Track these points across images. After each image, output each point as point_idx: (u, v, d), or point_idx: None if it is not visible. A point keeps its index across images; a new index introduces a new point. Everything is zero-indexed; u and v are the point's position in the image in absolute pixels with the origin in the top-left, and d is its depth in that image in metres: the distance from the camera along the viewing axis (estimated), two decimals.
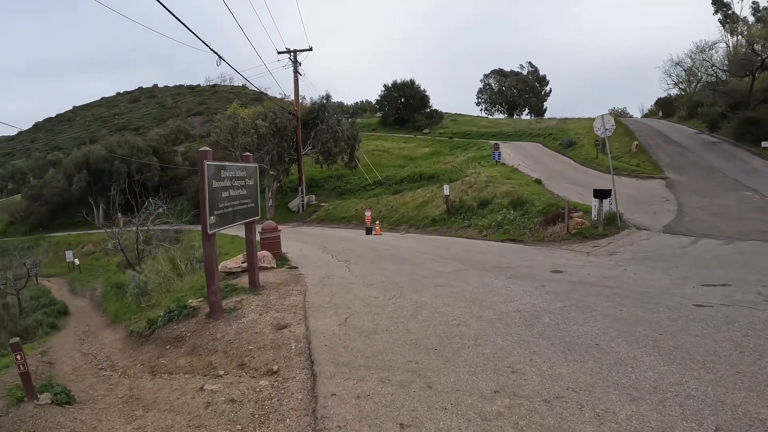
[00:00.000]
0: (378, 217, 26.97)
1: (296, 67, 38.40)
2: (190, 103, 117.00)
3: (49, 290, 31.08)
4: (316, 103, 41.69)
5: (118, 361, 9.00)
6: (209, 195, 7.95)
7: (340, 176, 44.46)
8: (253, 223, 10.40)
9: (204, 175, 7.86)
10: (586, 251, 14.05)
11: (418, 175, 36.68)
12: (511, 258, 13.43)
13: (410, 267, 12.51)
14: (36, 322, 20.47)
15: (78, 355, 11.30)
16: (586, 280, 9.69)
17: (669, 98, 55.85)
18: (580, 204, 18.95)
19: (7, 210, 65.56)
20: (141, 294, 16.59)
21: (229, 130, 38.77)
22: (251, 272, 10.38)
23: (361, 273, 11.94)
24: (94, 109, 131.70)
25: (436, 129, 64.79)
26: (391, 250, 16.53)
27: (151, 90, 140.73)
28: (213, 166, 8.24)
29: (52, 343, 14.54)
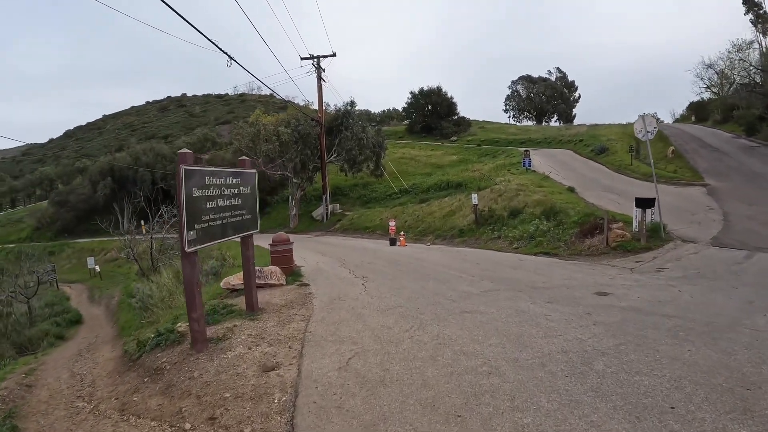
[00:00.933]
0: (403, 227, 25.66)
1: (320, 73, 37.37)
2: (218, 112, 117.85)
3: (67, 297, 30.75)
4: (341, 110, 40.45)
5: (100, 388, 7.98)
6: (187, 205, 6.66)
7: (365, 184, 43.29)
8: (250, 237, 9.08)
9: (181, 182, 6.57)
10: (630, 267, 12.51)
11: (446, 183, 35.35)
12: (547, 275, 11.91)
13: (434, 286, 11.06)
14: (42, 332, 19.62)
15: (66, 376, 10.12)
16: (637, 306, 8.22)
17: (702, 102, 53.75)
18: (617, 214, 17.43)
19: (34, 215, 66.22)
20: (144, 308, 15.58)
21: (251, 137, 37.83)
22: (248, 293, 9.07)
23: (378, 293, 10.54)
24: (123, 118, 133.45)
25: (464, 136, 63.34)
26: (414, 264, 15.10)
27: (180, 99, 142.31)
28: (195, 171, 6.95)
29: (49, 358, 13.60)
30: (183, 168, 6.59)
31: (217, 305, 10.19)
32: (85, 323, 23.12)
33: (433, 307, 8.79)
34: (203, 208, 7.12)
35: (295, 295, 10.75)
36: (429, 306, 8.94)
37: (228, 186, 7.96)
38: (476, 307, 8.68)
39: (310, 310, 9.24)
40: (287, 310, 9.22)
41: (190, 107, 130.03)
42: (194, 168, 6.90)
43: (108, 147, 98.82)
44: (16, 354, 16.97)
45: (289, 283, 12.33)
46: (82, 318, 24.02)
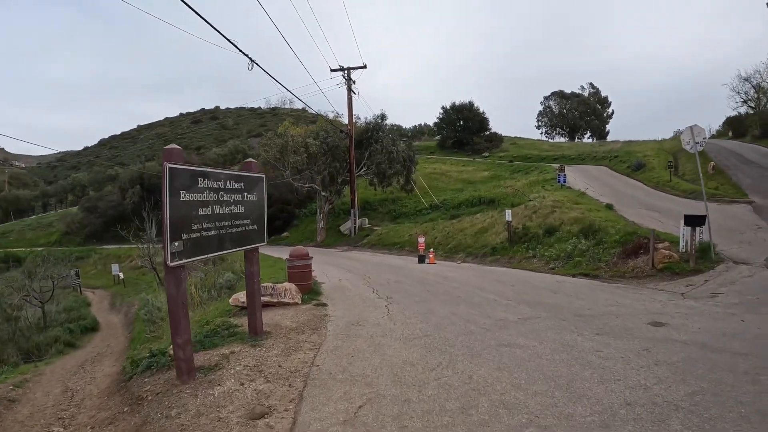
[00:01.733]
0: (433, 243, 24.42)
1: (350, 85, 36.53)
2: (251, 125, 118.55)
3: (88, 302, 30.48)
4: (371, 123, 39.52)
5: (84, 410, 7.25)
6: (172, 211, 5.59)
7: (395, 199, 42.23)
8: (255, 251, 7.96)
9: (165, 184, 5.50)
10: (681, 292, 11.17)
11: (477, 199, 34.02)
12: (590, 301, 10.58)
13: (466, 310, 9.83)
14: (52, 339, 18.96)
15: (57, 391, 9.33)
16: (701, 340, 6.95)
17: (739, 117, 51.75)
18: (661, 233, 16.00)
19: (64, 220, 66.61)
20: (151, 321, 14.67)
21: (279, 149, 37.23)
22: (251, 315, 7.96)
23: (402, 318, 9.32)
24: (157, 128, 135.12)
25: (496, 152, 62.26)
26: (444, 284, 13.86)
27: (213, 111, 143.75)
28: (183, 171, 5.89)
29: (50, 367, 12.84)
30: (168, 166, 5.54)
31: (219, 325, 9.17)
32: (101, 331, 22.65)
33: (465, 338, 7.56)
34: (193, 216, 6.04)
35: (309, 316, 9.65)
36: (460, 336, 7.70)
37: (228, 191, 6.88)
38: (515, 338, 7.44)
39: (322, 336, 8.10)
40: (296, 336, 8.10)
41: (223, 120, 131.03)
42: (182, 167, 5.82)
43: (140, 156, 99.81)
44: (21, 360, 16.34)
45: (305, 302, 11.25)
46: (98, 325, 23.57)
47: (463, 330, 8.09)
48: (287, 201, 44.82)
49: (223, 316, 10.54)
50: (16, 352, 17.21)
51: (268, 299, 10.71)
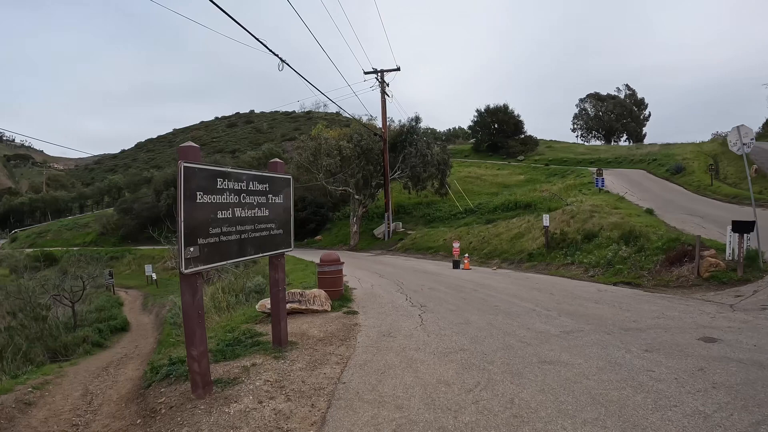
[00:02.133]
0: (467, 248, 23.79)
1: (383, 88, 36.32)
2: (285, 128, 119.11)
3: (121, 302, 30.47)
4: (405, 126, 39.12)
5: (100, 417, 7.07)
6: (187, 214, 5.18)
7: (429, 203, 41.68)
8: (281, 257, 7.53)
9: (180, 184, 5.09)
10: (729, 303, 10.38)
11: (513, 203, 33.41)
12: (635, 312, 9.88)
13: (503, 321, 9.26)
14: (80, 338, 18.81)
15: (77, 394, 9.08)
16: (760, 360, 6.29)
17: None
18: (705, 239, 15.18)
19: (100, 221, 67.75)
20: (177, 324, 14.38)
21: (312, 151, 36.99)
22: (275, 325, 7.50)
23: (436, 329, 8.78)
24: (193, 132, 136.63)
25: (531, 156, 61.27)
26: (479, 291, 13.30)
27: (248, 115, 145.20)
28: (200, 171, 5.46)
29: (75, 368, 12.56)
30: (183, 165, 5.11)
31: (244, 333, 8.80)
32: (131, 331, 22.51)
33: (504, 353, 7.00)
34: (211, 219, 5.62)
35: (338, 325, 9.18)
36: (499, 351, 7.13)
37: (251, 192, 6.45)
38: (558, 355, 6.85)
39: (351, 348, 7.60)
40: (323, 347, 7.62)
41: (257, 123, 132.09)
42: (199, 166, 5.39)
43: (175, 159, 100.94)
44: (48, 360, 16.20)
45: (335, 310, 10.78)
46: (128, 326, 23.46)
47: (502, 344, 7.53)
48: (320, 204, 44.66)
49: (249, 322, 10.18)
50: (43, 352, 17.02)
51: (296, 306, 10.31)
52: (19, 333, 18.65)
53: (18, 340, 17.46)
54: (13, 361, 14.88)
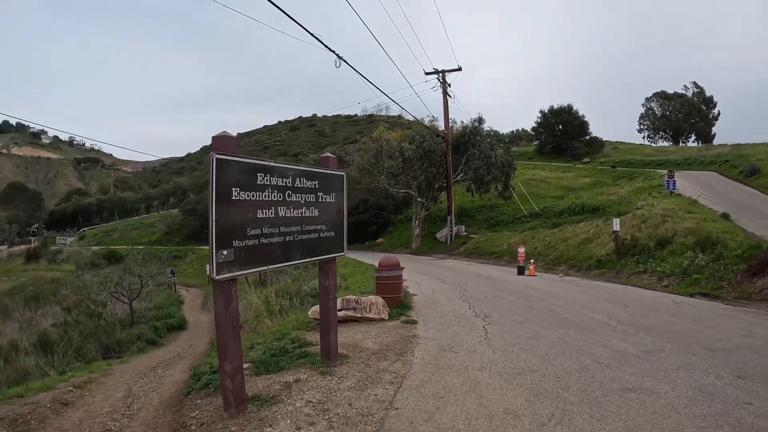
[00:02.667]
0: (532, 254, 22.77)
1: (445, 88, 35.57)
2: (347, 131, 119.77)
3: (181, 300, 30.79)
4: (468, 127, 38.21)
5: (133, 424, 6.77)
6: (220, 212, 4.59)
7: (492, 206, 40.42)
8: (331, 263, 6.86)
9: (212, 178, 4.50)
10: None
11: (580, 207, 31.91)
12: (719, 329, 8.84)
13: (576, 337, 8.35)
14: (134, 336, 18.85)
15: (119, 395, 8.73)
16: None
17: None
18: None
19: (165, 221, 69.40)
20: None
21: (373, 153, 36.51)
22: (324, 336, 6.83)
23: (502, 344, 7.95)
24: (256, 136, 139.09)
25: (597, 158, 59.10)
26: (547, 300, 12.39)
27: (311, 119, 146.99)
28: (235, 163, 4.86)
29: (123, 367, 12.42)
30: (215, 157, 4.51)
31: (292, 341, 8.21)
32: (188, 330, 22.52)
33: (580, 377, 6.13)
34: (250, 218, 5.01)
35: (396, 337, 8.47)
36: (573, 374, 6.26)
37: (297, 190, 5.82)
38: (640, 380, 5.94)
39: (407, 365, 6.84)
40: (376, 362, 6.91)
41: (320, 127, 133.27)
42: (235, 158, 4.78)
43: None
44: (100, 356, 16.20)
45: (393, 318, 10.08)
46: (186, 324, 23.50)
47: (576, 365, 6.66)
48: (382, 206, 44.17)
49: (300, 328, 9.61)
50: (96, 348, 17.07)
51: (350, 314, 9.67)
52: (74, 328, 18.77)
53: (72, 335, 17.53)
54: (64, 356, 14.85)
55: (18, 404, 7.52)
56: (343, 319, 9.46)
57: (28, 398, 8.03)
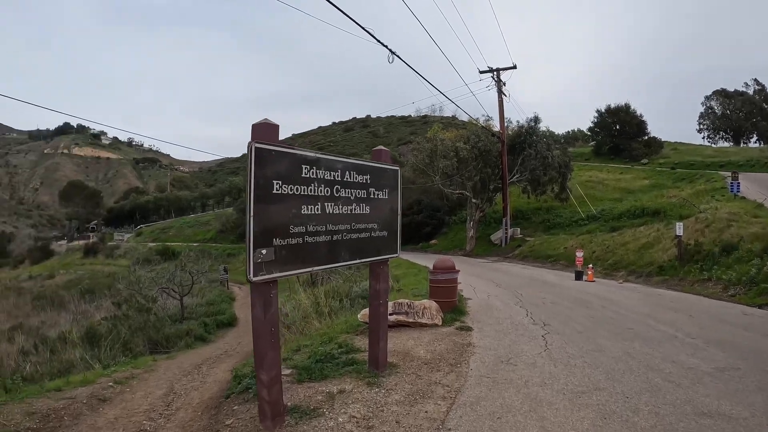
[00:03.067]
0: (590, 258, 21.73)
1: (500, 87, 34.71)
2: (401, 132, 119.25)
3: (233, 297, 30.92)
4: (523, 126, 37.28)
5: (169, 425, 6.63)
6: (259, 207, 4.20)
7: (549, 209, 39.42)
8: (383, 264, 6.39)
9: (251, 170, 4.12)
10: None
11: (640, 209, 30.73)
12: None
13: (642, 350, 7.64)
14: (182, 332, 18.85)
15: (160, 393, 8.56)
16: None
17: None
18: None
19: (220, 219, 70.40)
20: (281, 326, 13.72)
21: (428, 153, 36.09)
22: (373, 344, 6.34)
23: (563, 356, 7.32)
24: (310, 137, 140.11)
25: (655, 159, 57.14)
26: (608, 308, 11.63)
27: (365, 120, 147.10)
28: (277, 154, 4.46)
29: (167, 363, 12.30)
30: (254, 146, 4.11)
31: (339, 346, 7.78)
32: (237, 327, 22.34)
33: (650, 398, 5.47)
34: (293, 215, 4.58)
35: (449, 345, 7.92)
36: (643, 394, 5.59)
37: (346, 185, 5.36)
38: (716, 403, 5.28)
39: (461, 377, 6.28)
40: (428, 373, 6.39)
41: (374, 128, 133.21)
42: (277, 149, 4.37)
43: None
44: (147, 351, 16.19)
45: (447, 324, 9.51)
46: (235, 321, 23.38)
47: (645, 383, 5.99)
48: (437, 207, 43.53)
49: (349, 332, 9.16)
50: (144, 342, 17.10)
51: (402, 318, 9.15)
52: (123, 322, 18.89)
53: (121, 329, 17.60)
54: (111, 350, 14.82)
55: (54, 398, 7.39)
56: (393, 324, 8.99)
57: (66, 392, 7.89)
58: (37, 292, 38.79)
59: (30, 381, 10.55)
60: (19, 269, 59.52)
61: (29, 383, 9.90)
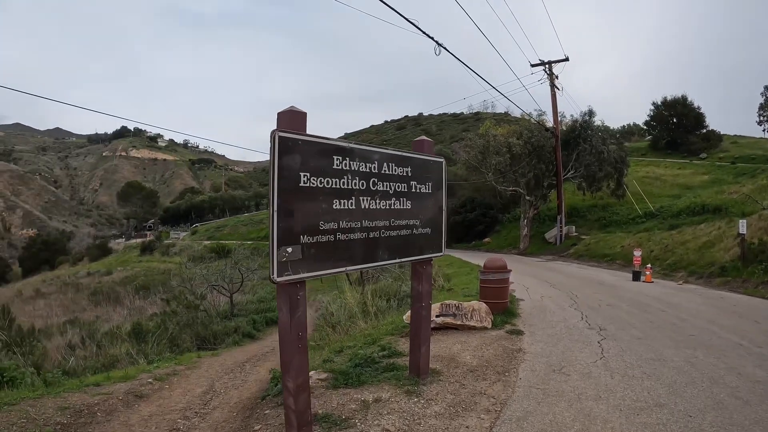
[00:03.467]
0: (648, 257, 20.76)
1: (552, 80, 33.87)
2: (453, 130, 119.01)
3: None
4: (578, 121, 36.14)
5: (202, 425, 6.52)
6: (282, 201, 3.82)
7: (604, 206, 38.14)
8: (427, 264, 5.97)
9: (274, 161, 3.77)
10: None
11: (699, 206, 29.43)
12: None
13: (705, 360, 7.00)
14: (230, 329, 18.72)
15: (199, 391, 8.35)
16: None
17: None
18: None
19: None
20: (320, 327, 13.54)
21: (480, 149, 35.49)
22: (414, 349, 5.93)
23: (621, 366, 6.71)
24: (363, 135, 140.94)
25: (714, 153, 54.86)
26: (668, 312, 10.92)
27: (417, 118, 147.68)
28: (308, 143, 4.09)
29: (211, 360, 12.02)
30: (277, 135, 3.75)
31: (381, 349, 7.45)
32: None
33: (716, 416, 4.86)
34: (323, 210, 4.22)
35: (498, 350, 7.45)
36: (708, 412, 4.99)
37: (384, 177, 4.97)
38: None
39: (509, 388, 5.78)
40: (472, 382, 5.94)
41: (426, 126, 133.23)
42: (304, 138, 4.00)
43: None
44: (194, 347, 16.16)
45: (497, 326, 9.02)
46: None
47: (710, 399, 5.38)
48: (490, 205, 42.98)
49: (393, 333, 8.80)
50: (191, 338, 17.10)
51: (449, 321, 8.73)
52: (171, 318, 19.06)
53: (170, 325, 17.72)
54: (157, 345, 14.83)
55: (91, 393, 7.24)
56: (440, 326, 8.61)
57: (104, 387, 7.76)
58: (94, 287, 39.84)
59: (72, 375, 10.52)
60: (78, 266, 61.26)
61: (71, 377, 9.84)
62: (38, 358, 11.99)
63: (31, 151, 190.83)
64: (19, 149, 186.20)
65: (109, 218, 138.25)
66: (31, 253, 73.20)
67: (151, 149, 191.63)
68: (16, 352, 11.77)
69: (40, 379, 8.63)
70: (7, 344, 12.54)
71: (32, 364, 11.11)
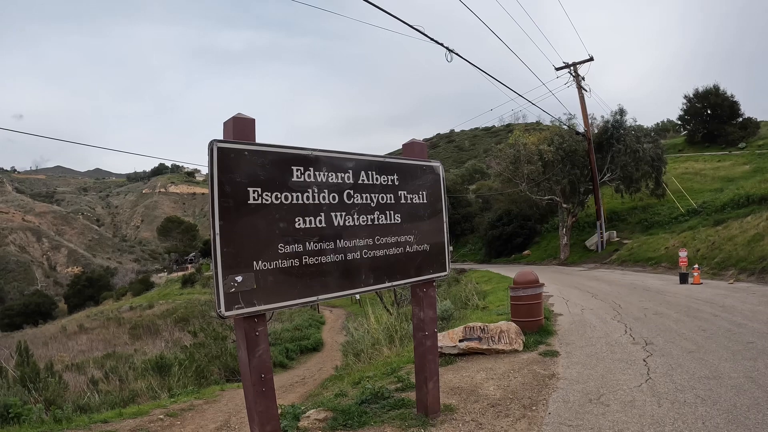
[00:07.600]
0: (695, 257, 19.63)
1: (579, 82, 33.02)
2: (486, 143, 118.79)
3: (323, 321, 31.71)
4: (609, 121, 35.07)
5: None
6: (225, 223, 3.31)
7: (645, 207, 36.85)
8: (428, 286, 5.21)
9: (213, 176, 3.26)
10: None
11: (744, 198, 28.16)
12: None
13: (767, 372, 6.08)
14: None
15: (212, 427, 7.72)
16: None
17: None
18: None
19: None
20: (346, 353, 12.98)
21: (511, 159, 34.87)
22: (420, 385, 5.20)
23: (670, 390, 5.74)
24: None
25: (753, 141, 52.54)
26: (721, 316, 9.95)
27: (449, 135, 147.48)
28: (255, 154, 3.53)
29: (232, 393, 11.34)
30: (216, 146, 3.24)
31: (396, 381, 6.84)
32: (323, 352, 22.18)
33: None
34: (281, 230, 3.62)
35: (527, 377, 6.64)
36: None
37: (363, 188, 4.35)
38: None
39: (534, 426, 4.91)
40: (492, 420, 5.12)
41: (458, 142, 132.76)
42: (250, 147, 3.44)
43: None
44: (223, 379, 15.97)
45: (529, 348, 8.21)
46: (321, 346, 23.35)
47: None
48: (527, 216, 42.08)
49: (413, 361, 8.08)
50: (220, 370, 16.85)
51: (475, 345, 7.94)
52: (199, 351, 18.86)
53: (198, 357, 17.52)
54: (183, 378, 14.47)
55: (96, 431, 6.94)
56: (465, 351, 7.88)
57: (112, 424, 7.38)
58: (135, 321, 40.59)
59: (86, 411, 10.20)
60: (121, 301, 62.44)
61: (85, 413, 9.48)
62: (51, 394, 11.74)
63: (73, 192, 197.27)
64: (61, 191, 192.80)
65: (152, 253, 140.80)
66: (76, 290, 75.05)
67: (189, 184, 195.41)
68: (30, 389, 11.56)
69: (49, 416, 8.28)
70: (21, 380, 12.39)
71: (45, 399, 10.96)
